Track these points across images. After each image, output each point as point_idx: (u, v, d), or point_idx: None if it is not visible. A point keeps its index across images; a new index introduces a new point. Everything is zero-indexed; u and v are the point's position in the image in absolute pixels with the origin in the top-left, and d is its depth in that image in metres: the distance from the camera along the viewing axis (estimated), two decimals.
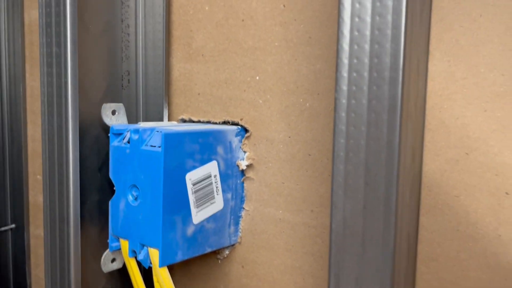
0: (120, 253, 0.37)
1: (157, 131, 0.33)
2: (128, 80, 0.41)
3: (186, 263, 0.42)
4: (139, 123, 0.36)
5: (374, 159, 0.25)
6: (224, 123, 0.39)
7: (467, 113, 0.31)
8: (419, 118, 0.30)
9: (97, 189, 0.38)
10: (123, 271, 0.38)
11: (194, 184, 0.35)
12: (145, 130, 0.34)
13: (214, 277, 0.42)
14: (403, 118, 0.24)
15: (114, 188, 0.36)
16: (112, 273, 0.38)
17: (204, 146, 0.35)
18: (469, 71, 0.30)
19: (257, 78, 0.38)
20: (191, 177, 0.35)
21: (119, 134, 0.36)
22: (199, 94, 0.41)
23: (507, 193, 0.31)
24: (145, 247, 0.34)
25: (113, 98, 0.39)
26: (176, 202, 0.34)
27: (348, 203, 0.25)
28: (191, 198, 0.35)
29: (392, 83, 0.24)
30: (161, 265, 0.33)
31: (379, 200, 0.25)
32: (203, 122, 0.40)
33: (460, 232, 0.32)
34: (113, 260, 0.38)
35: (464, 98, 0.31)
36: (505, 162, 0.30)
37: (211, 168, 0.36)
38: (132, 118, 0.41)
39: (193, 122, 0.41)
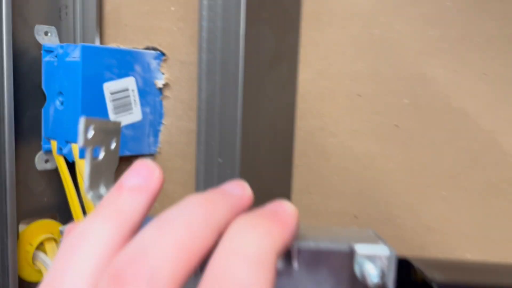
0: (52, 155, 0.44)
1: (76, 45, 0.39)
2: (66, 13, 0.47)
3: (117, 172, 0.49)
4: None
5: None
6: (146, 48, 0.46)
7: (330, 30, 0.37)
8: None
9: (38, 102, 0.45)
10: (55, 173, 0.45)
11: (112, 93, 0.42)
12: (69, 45, 0.40)
13: None
14: None
15: None
16: (46, 173, 0.45)
17: (121, 62, 0.42)
18: None
19: (172, 9, 0.44)
20: (109, 87, 0.41)
21: (50, 51, 0.42)
22: (126, 25, 0.47)
23: (358, 95, 0.37)
24: (68, 144, 0.41)
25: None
26: (94, 106, 0.40)
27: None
28: (109, 105, 0.41)
29: None
30: (80, 157, 0.40)
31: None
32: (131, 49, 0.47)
33: (324, 130, 0.39)
34: (46, 161, 0.44)
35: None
36: (358, 69, 0.37)
37: (129, 82, 0.43)
38: None
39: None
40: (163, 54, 0.45)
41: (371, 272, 0.17)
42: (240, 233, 0.16)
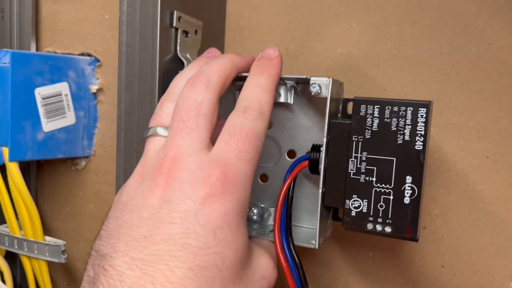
0: None
1: (7, 51, 0.41)
2: (2, 16, 0.48)
3: (52, 174, 0.50)
4: None
5: None
6: (82, 54, 0.47)
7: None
8: None
9: None
10: None
11: (43, 98, 0.43)
12: (1, 51, 0.41)
13: (75, 186, 0.50)
14: None
15: None
16: None
17: (54, 68, 0.43)
18: None
19: (107, 16, 0.46)
20: (40, 92, 0.43)
21: None
22: (62, 30, 0.48)
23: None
24: None
25: None
26: (25, 110, 0.41)
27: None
28: (41, 109, 0.43)
29: None
30: (10, 160, 0.41)
31: None
32: (64, 54, 0.48)
33: None
34: None
35: None
36: None
37: (62, 87, 0.44)
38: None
39: (57, 53, 0.48)
40: (97, 60, 0.47)
41: (312, 88, 0.29)
42: (255, 75, 0.28)
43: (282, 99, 0.32)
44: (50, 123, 0.44)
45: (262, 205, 0.35)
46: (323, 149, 0.29)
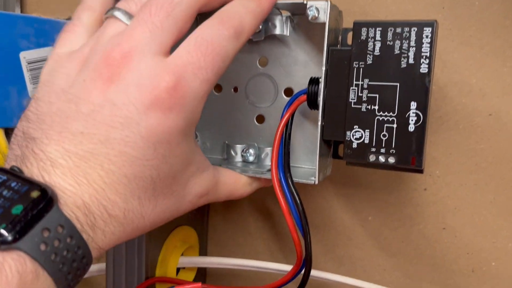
0: None
1: None
2: None
3: None
4: None
5: None
6: (68, 19, 0.45)
7: None
8: None
9: None
10: None
11: (29, 63, 0.41)
12: None
13: None
14: None
15: None
16: None
17: (39, 31, 0.41)
18: None
19: None
20: (26, 55, 0.41)
21: None
22: None
23: None
24: None
25: None
26: (10, 75, 0.40)
27: None
28: (27, 74, 0.41)
29: None
30: None
31: None
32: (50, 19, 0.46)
33: None
34: None
35: None
36: None
37: (48, 52, 0.42)
38: None
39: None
40: None
41: (310, 11, 0.28)
42: None
43: (277, 31, 0.31)
44: (36, 89, 0.42)
45: (260, 146, 0.34)
46: (322, 79, 0.27)
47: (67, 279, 0.20)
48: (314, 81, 0.28)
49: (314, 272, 0.34)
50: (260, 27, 0.31)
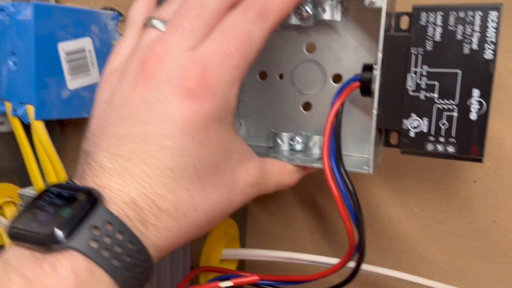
0: (7, 117, 0.43)
1: (28, 3, 0.38)
2: None
3: (75, 137, 0.49)
4: None
5: None
6: (104, 9, 0.45)
7: None
8: None
9: None
10: (11, 136, 0.44)
11: (67, 54, 0.41)
12: (21, 3, 0.39)
13: None
14: None
15: None
16: (1, 135, 0.44)
17: (77, 22, 0.41)
18: None
19: None
20: (64, 47, 0.40)
21: (2, 10, 0.41)
22: None
23: None
24: (23, 105, 0.40)
25: None
26: (49, 66, 0.39)
27: None
28: (65, 66, 0.41)
29: None
30: (36, 118, 0.39)
31: None
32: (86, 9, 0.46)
33: None
34: (1, 123, 0.44)
35: None
36: None
37: (85, 42, 0.42)
38: None
39: None
40: (120, 14, 0.44)
41: None
42: None
43: (327, 16, 0.30)
44: (74, 81, 0.42)
45: (307, 134, 0.33)
46: (377, 66, 0.27)
47: (124, 275, 0.20)
48: (368, 68, 0.28)
49: None
50: (310, 12, 0.30)
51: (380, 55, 0.27)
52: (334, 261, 0.33)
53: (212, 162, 0.23)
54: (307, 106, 0.33)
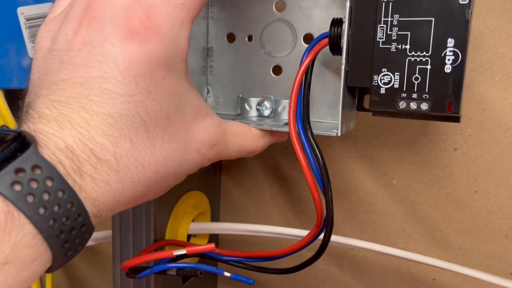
0: None
1: None
2: None
3: None
4: None
5: None
6: None
7: None
8: None
9: None
10: None
11: (27, 20, 0.38)
12: None
13: None
14: None
15: None
16: None
17: None
18: None
19: None
20: (24, 11, 0.38)
21: None
22: None
23: None
24: None
25: None
26: (8, 31, 0.37)
27: None
28: (25, 32, 0.38)
29: None
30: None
31: None
32: None
33: None
34: None
35: None
36: None
37: (48, 9, 0.40)
38: None
39: None
40: None
41: None
42: None
43: None
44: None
45: (276, 99, 0.31)
46: (345, 18, 0.25)
47: (51, 226, 0.18)
48: (336, 22, 0.26)
49: (334, 238, 0.32)
50: None
51: (348, 3, 0.25)
52: (306, 233, 0.31)
53: (160, 112, 0.21)
54: (277, 70, 0.32)
